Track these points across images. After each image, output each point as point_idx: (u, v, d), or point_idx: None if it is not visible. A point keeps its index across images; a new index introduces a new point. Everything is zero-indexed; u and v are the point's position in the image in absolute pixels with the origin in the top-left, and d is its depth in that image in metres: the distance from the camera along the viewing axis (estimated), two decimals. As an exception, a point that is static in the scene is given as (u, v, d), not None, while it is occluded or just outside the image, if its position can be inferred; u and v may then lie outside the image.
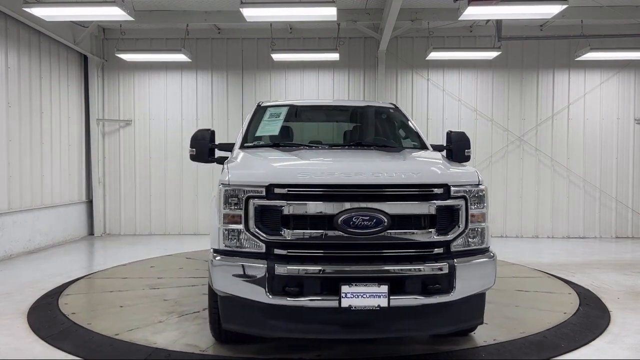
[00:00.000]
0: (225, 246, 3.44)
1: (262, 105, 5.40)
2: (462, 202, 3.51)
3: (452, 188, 3.50)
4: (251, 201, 3.39)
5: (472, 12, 6.88)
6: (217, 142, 4.99)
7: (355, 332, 3.54)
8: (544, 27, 9.92)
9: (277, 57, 9.62)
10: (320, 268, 3.30)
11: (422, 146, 4.95)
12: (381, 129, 5.50)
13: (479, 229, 3.60)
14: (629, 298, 5.58)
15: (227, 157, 4.92)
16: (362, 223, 3.31)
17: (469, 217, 3.54)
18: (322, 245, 3.38)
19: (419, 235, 3.43)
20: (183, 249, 8.54)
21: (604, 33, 9.59)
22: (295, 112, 5.49)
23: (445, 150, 5.07)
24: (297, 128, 5.60)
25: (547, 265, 7.31)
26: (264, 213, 3.39)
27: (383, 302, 3.28)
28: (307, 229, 3.36)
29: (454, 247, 3.51)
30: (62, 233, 9.41)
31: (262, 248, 3.39)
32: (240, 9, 7.09)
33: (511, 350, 4.02)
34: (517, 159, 10.24)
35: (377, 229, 3.33)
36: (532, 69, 10.26)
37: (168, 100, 10.47)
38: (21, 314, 4.93)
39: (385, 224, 3.34)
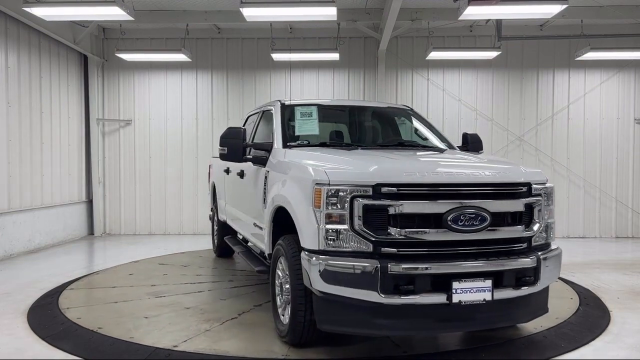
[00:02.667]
0: (327, 246, 3.43)
1: (285, 104, 5.26)
2: (539, 199, 3.80)
3: (533, 186, 3.79)
4: (356, 201, 3.38)
5: (472, 12, 6.87)
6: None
7: (460, 326, 3.74)
8: (544, 27, 9.92)
9: (277, 57, 9.62)
10: (433, 265, 3.39)
11: (450, 146, 5.16)
12: (409, 130, 5.61)
13: (549, 224, 3.94)
14: (629, 298, 5.59)
15: (262, 156, 4.75)
16: (469, 221, 3.46)
17: (543, 213, 3.84)
18: (430, 243, 3.46)
19: (512, 232, 3.65)
20: (183, 248, 8.55)
21: (604, 33, 9.58)
22: (323, 112, 5.42)
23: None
24: (327, 127, 5.54)
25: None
26: (369, 212, 3.39)
27: (488, 296, 3.45)
28: (416, 228, 3.42)
29: (534, 241, 3.80)
30: (62, 233, 9.41)
31: (369, 247, 3.39)
32: (240, 9, 7.08)
33: (511, 350, 4.02)
34: (517, 159, 10.23)
35: (481, 226, 3.49)
36: (532, 69, 10.26)
37: (168, 100, 10.46)
38: (21, 314, 4.93)
39: (488, 221, 3.51)
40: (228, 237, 6.95)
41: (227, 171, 6.48)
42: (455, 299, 3.37)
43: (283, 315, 4.08)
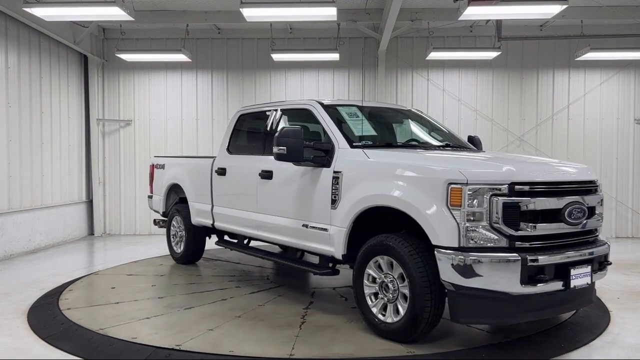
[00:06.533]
0: (467, 243, 3.66)
1: (325, 104, 5.17)
2: (602, 194, 4.33)
3: (598, 182, 4.35)
4: (495, 199, 3.65)
5: (472, 12, 6.88)
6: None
7: (567, 308, 4.30)
8: (544, 27, 9.92)
9: (277, 57, 9.62)
10: (565, 255, 3.81)
11: (469, 147, 5.57)
12: (436, 131, 5.78)
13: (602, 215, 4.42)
14: (629, 298, 5.59)
15: (321, 157, 4.71)
16: (577, 214, 3.91)
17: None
18: (553, 235, 3.85)
19: (595, 223, 4.14)
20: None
21: (604, 33, 9.58)
22: (364, 113, 5.41)
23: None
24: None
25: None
26: (505, 209, 3.66)
27: (589, 280, 3.94)
28: (541, 222, 3.77)
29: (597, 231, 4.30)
30: (62, 233, 9.41)
31: (505, 242, 3.67)
32: (240, 9, 7.09)
33: (511, 350, 4.03)
34: (517, 159, 10.23)
35: (583, 219, 3.97)
36: (532, 69, 10.26)
37: (168, 100, 10.47)
38: (21, 314, 4.93)
39: (587, 214, 3.99)
40: (219, 241, 6.67)
41: (222, 172, 6.16)
42: (572, 284, 3.79)
43: (383, 315, 4.18)
